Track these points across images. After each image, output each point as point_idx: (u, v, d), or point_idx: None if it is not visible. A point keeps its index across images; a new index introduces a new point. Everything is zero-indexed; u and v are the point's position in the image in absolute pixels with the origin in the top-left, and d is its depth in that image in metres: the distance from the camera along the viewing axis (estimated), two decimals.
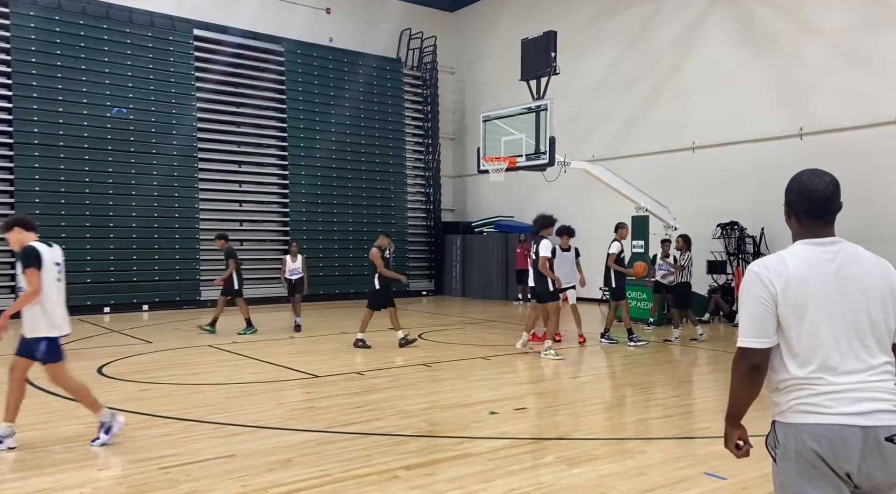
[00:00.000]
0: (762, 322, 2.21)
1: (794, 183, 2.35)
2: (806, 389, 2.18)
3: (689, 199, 14.99)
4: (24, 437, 5.57)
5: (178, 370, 8.73)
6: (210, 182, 17.61)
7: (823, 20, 13.33)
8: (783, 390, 2.23)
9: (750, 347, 2.23)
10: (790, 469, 2.19)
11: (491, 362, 9.14)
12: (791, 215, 2.36)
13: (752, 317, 2.23)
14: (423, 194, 21.74)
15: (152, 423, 5.98)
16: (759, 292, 2.22)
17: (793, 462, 2.18)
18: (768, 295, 2.21)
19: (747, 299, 2.25)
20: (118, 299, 15.92)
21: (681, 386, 8.02)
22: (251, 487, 4.37)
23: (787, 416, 2.22)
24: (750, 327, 2.23)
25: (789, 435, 2.20)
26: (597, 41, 17.78)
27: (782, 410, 2.23)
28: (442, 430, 5.76)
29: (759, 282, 2.23)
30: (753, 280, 2.25)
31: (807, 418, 2.17)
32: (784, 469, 2.21)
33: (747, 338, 2.24)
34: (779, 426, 2.25)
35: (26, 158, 15.08)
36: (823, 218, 2.29)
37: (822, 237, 2.28)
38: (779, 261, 2.25)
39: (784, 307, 2.19)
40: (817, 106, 13.30)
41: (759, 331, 2.21)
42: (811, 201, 2.28)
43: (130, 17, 16.63)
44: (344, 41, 19.90)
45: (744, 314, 2.27)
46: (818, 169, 2.35)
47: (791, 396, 2.21)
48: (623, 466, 4.82)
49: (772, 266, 2.24)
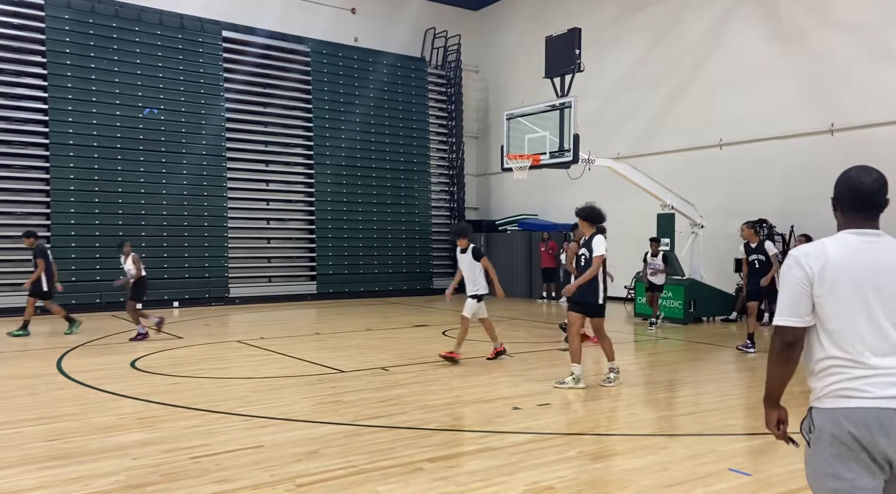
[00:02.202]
0: (796, 302, 2.31)
1: (841, 178, 2.44)
2: (841, 373, 2.25)
3: (716, 196, 14.83)
4: (60, 427, 5.77)
5: (207, 364, 8.92)
6: (238, 181, 17.90)
7: (852, 14, 13.09)
8: (819, 373, 2.30)
9: (784, 325, 2.34)
10: (825, 452, 2.24)
11: (514, 358, 9.17)
12: (837, 208, 2.44)
13: (787, 297, 2.34)
14: (447, 192, 21.81)
15: (183, 415, 6.13)
16: (796, 273, 2.33)
17: (828, 445, 2.23)
18: (804, 277, 2.30)
19: (785, 280, 2.37)
20: (150, 295, 16.13)
21: (706, 384, 7.96)
22: (279, 476, 4.48)
23: (824, 401, 2.27)
24: (784, 306, 2.35)
25: (826, 420, 2.24)
26: (621, 38, 17.67)
27: (819, 396, 2.29)
28: (465, 424, 5.82)
29: (797, 265, 2.33)
30: (792, 263, 2.35)
31: (844, 402, 2.22)
32: (818, 451, 2.26)
33: (781, 317, 2.35)
34: (815, 411, 2.30)
35: (62, 158, 15.49)
36: (867, 211, 2.37)
37: (864, 229, 2.36)
38: (819, 246, 2.35)
39: (820, 288, 2.28)
40: (848, 101, 13.06)
41: (793, 311, 2.32)
42: (856, 194, 2.37)
43: (161, 19, 16.97)
44: (368, 41, 20.06)
45: (781, 295, 2.38)
46: (866, 165, 2.45)
47: (827, 381, 2.27)
48: (645, 461, 4.83)
49: (811, 250, 2.35)
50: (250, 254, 18.12)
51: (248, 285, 17.86)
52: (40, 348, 10.26)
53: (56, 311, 11.70)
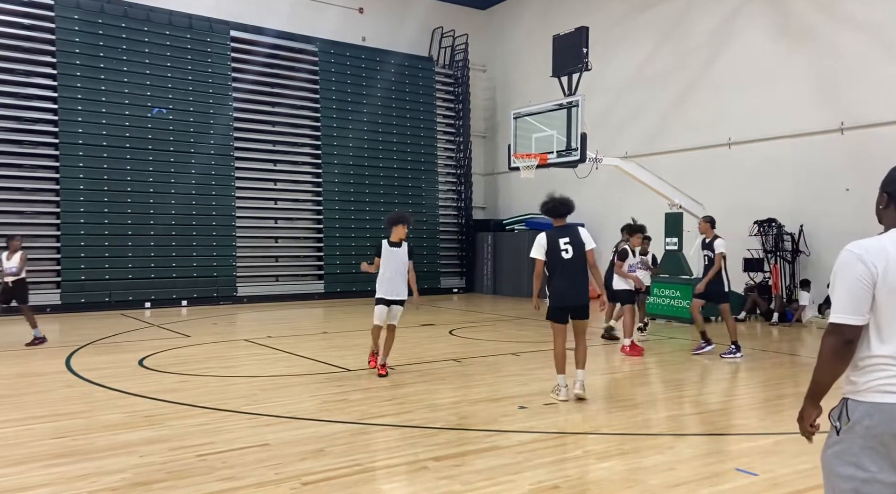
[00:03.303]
0: (860, 300, 2.25)
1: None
2: (889, 370, 2.23)
3: (724, 195, 14.74)
4: (68, 425, 5.80)
5: (214, 362, 8.95)
6: (246, 181, 17.95)
7: (863, 12, 12.98)
8: (864, 368, 2.27)
9: (845, 323, 2.27)
10: (854, 442, 2.23)
11: (521, 358, 9.15)
12: (891, 205, 2.38)
13: (849, 294, 2.26)
14: (455, 191, 21.80)
15: (190, 413, 6.15)
16: (859, 270, 2.26)
17: (859, 436, 2.22)
18: (868, 275, 2.25)
19: (846, 276, 2.28)
20: (158, 294, 16.34)
21: (713, 384, 7.93)
22: (284, 474, 4.48)
23: (865, 395, 2.25)
24: (847, 303, 2.27)
25: (864, 413, 2.23)
26: (629, 36, 17.60)
27: (859, 389, 2.27)
28: (471, 423, 5.81)
29: (860, 262, 2.26)
30: (854, 260, 2.28)
31: (888, 398, 2.21)
32: (847, 439, 2.25)
33: (843, 314, 2.27)
34: (853, 403, 2.27)
35: (71, 157, 15.59)
36: None
37: None
38: (878, 244, 2.29)
39: (882, 288, 2.23)
40: (858, 100, 12.96)
41: (856, 308, 2.25)
42: None
43: (170, 19, 17.04)
44: (376, 40, 20.07)
45: (840, 291, 2.30)
46: None
47: (873, 376, 2.25)
48: (652, 461, 4.80)
49: (871, 248, 2.28)
50: (258, 253, 18.18)
51: (255, 284, 17.92)
52: (50, 346, 10.32)
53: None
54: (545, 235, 6.64)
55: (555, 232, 6.67)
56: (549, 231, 6.66)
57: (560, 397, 6.54)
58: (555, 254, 6.57)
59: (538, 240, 6.64)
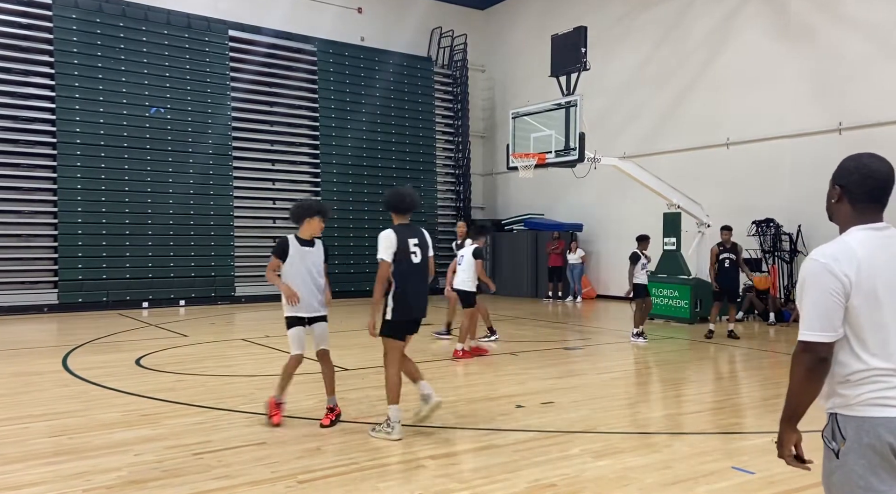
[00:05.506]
0: (830, 315, 2.08)
1: (851, 164, 2.23)
2: (882, 382, 2.08)
3: (723, 196, 14.76)
4: (65, 424, 5.79)
5: (211, 362, 8.94)
6: (244, 180, 17.94)
7: (862, 12, 13.00)
8: (855, 382, 2.11)
9: (817, 341, 2.09)
10: (856, 463, 2.08)
11: (519, 357, 9.15)
12: (844, 199, 2.23)
13: (818, 309, 2.09)
14: (453, 191, 21.80)
15: (187, 412, 6.14)
16: (829, 283, 2.08)
17: (860, 456, 2.08)
18: (839, 286, 2.08)
19: (814, 289, 2.11)
20: (156, 294, 16.33)
21: (711, 383, 7.93)
22: (280, 473, 4.47)
23: (857, 409, 2.10)
24: (816, 319, 2.10)
25: (861, 429, 2.08)
26: (628, 36, 17.61)
27: (850, 403, 2.12)
28: (468, 422, 5.80)
29: (829, 273, 2.09)
30: (822, 271, 2.10)
31: (884, 411, 2.06)
32: (849, 462, 2.09)
33: (813, 332, 2.10)
34: (844, 419, 2.12)
35: (69, 157, 15.57)
36: (880, 202, 2.20)
37: (876, 223, 2.19)
38: (844, 248, 2.13)
39: (856, 298, 2.08)
40: (857, 100, 12.97)
41: (827, 324, 2.09)
42: (873, 181, 2.18)
43: (168, 18, 17.03)
44: (375, 40, 20.07)
45: (809, 306, 2.12)
46: (873, 153, 2.27)
47: (864, 389, 2.09)
48: (649, 459, 4.80)
49: (839, 254, 2.11)
50: (256, 253, 18.15)
51: (253, 284, 17.89)
52: (47, 345, 10.30)
53: None
54: (393, 232, 5.33)
55: (403, 230, 5.40)
56: (396, 228, 5.39)
57: (393, 435, 5.22)
58: (404, 256, 5.33)
59: (386, 237, 5.30)
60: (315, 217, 5.83)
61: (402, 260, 5.35)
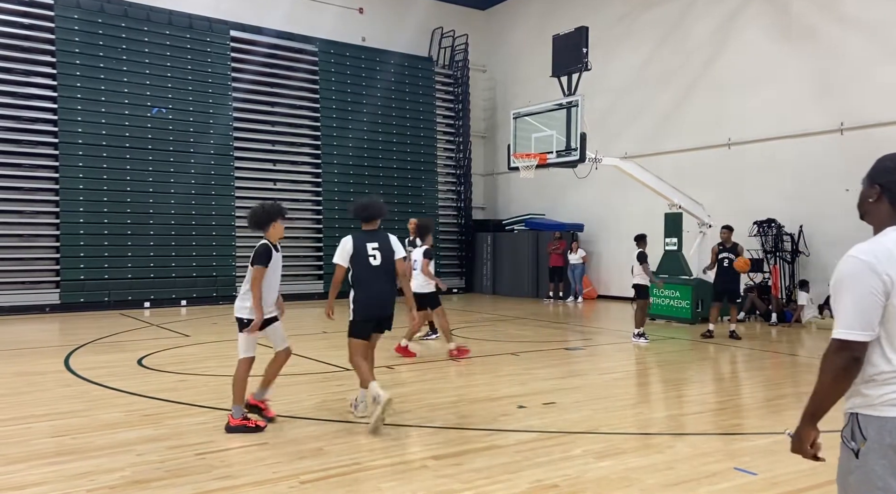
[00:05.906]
0: (870, 314, 2.08)
1: (890, 163, 2.21)
2: None
3: (724, 196, 14.76)
4: (67, 424, 5.80)
5: (213, 362, 8.95)
6: (245, 180, 17.95)
7: (863, 12, 12.99)
8: (881, 382, 2.11)
9: (854, 340, 2.08)
10: (876, 463, 2.07)
11: (520, 357, 9.15)
12: (884, 198, 2.20)
13: (858, 308, 2.08)
14: (454, 192, 21.80)
15: (189, 412, 6.15)
16: (871, 282, 2.07)
17: (881, 456, 2.07)
18: (881, 285, 2.07)
19: (854, 288, 2.10)
20: (158, 294, 16.34)
21: (713, 384, 7.93)
22: (282, 473, 4.48)
23: (881, 409, 2.09)
24: (855, 319, 2.08)
25: (884, 429, 2.08)
26: (629, 37, 17.61)
27: (873, 403, 2.11)
28: (470, 422, 5.81)
29: (871, 272, 2.08)
30: (864, 269, 2.09)
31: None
32: (869, 462, 2.09)
33: (852, 330, 2.09)
34: (866, 419, 2.12)
35: (71, 157, 15.58)
36: None
37: None
38: (885, 250, 2.12)
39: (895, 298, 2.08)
40: (858, 100, 12.96)
41: (866, 323, 2.08)
42: None
43: (170, 19, 17.04)
44: (376, 40, 20.07)
45: (848, 305, 2.11)
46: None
47: (888, 389, 2.09)
48: (651, 460, 4.80)
49: (880, 254, 2.10)
50: None
51: None
52: (49, 345, 10.32)
53: None
54: (351, 238, 5.89)
55: (362, 236, 5.94)
56: (355, 234, 5.95)
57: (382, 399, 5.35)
58: (361, 260, 5.80)
59: (343, 244, 5.88)
60: (278, 220, 5.84)
61: (360, 263, 5.83)
